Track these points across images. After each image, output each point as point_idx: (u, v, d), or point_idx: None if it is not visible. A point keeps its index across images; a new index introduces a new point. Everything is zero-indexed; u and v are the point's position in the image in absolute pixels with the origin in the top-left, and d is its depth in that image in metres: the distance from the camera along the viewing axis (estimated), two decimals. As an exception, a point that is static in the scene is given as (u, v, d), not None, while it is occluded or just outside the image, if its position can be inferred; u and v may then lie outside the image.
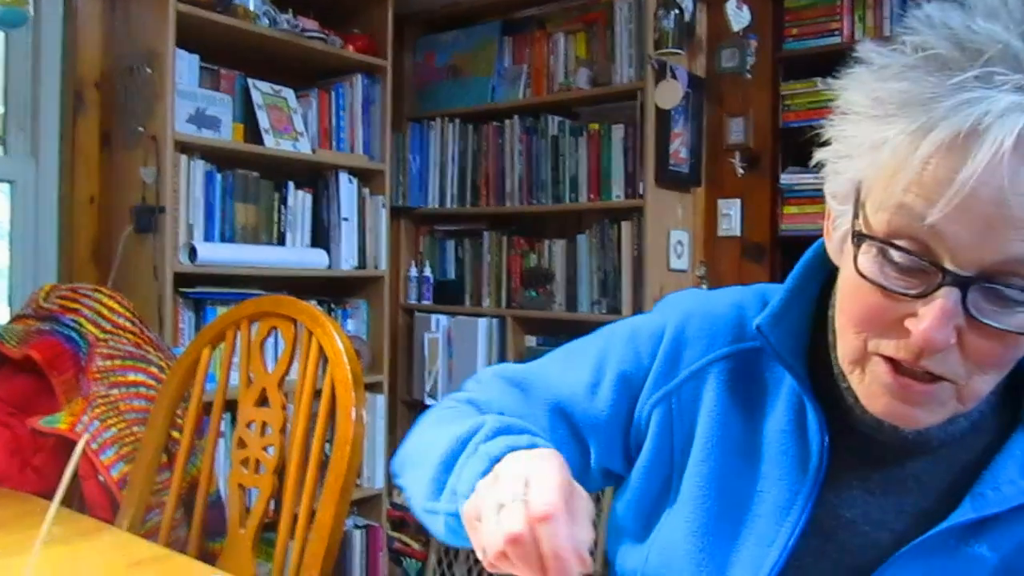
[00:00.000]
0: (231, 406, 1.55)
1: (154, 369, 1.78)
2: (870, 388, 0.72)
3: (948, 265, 0.63)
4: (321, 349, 1.43)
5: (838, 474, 0.79)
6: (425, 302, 3.67)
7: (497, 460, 0.75)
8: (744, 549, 0.81)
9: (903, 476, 0.78)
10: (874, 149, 0.66)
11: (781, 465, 0.81)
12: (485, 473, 0.74)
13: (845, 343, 0.73)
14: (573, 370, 0.94)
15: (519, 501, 0.67)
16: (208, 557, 1.51)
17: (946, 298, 0.63)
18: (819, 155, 0.74)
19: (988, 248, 0.62)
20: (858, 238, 0.68)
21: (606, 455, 0.92)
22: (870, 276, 0.67)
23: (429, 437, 0.88)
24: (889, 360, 0.69)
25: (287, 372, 1.48)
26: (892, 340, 0.68)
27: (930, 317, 0.64)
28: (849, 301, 0.71)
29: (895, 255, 0.66)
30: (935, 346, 0.64)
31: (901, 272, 0.66)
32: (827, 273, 0.83)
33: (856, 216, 0.69)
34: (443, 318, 3.55)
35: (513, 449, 0.76)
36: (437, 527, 0.82)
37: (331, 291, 3.23)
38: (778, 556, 0.79)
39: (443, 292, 3.65)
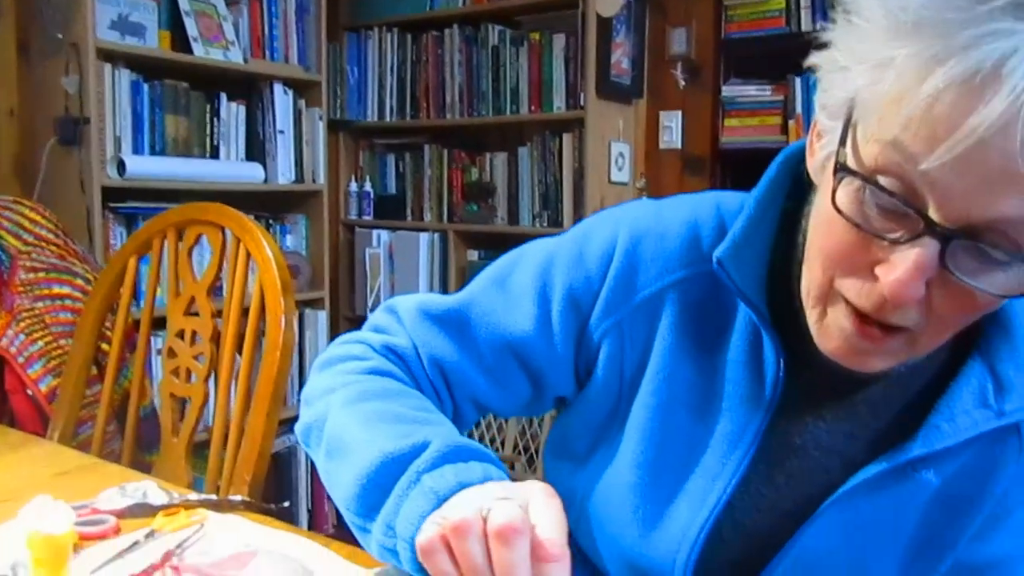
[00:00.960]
0: (161, 323, 1.52)
1: (80, 281, 1.74)
2: (827, 329, 0.68)
3: (933, 215, 0.57)
4: (249, 256, 1.40)
5: (791, 403, 0.77)
6: (366, 217, 3.62)
7: (446, 500, 0.63)
8: (691, 482, 0.80)
9: (855, 402, 0.77)
10: (877, 68, 0.58)
11: (733, 397, 0.79)
12: (431, 513, 0.62)
13: (811, 276, 0.68)
14: (516, 304, 0.87)
15: (520, 507, 0.56)
16: (143, 469, 1.49)
17: (924, 249, 0.58)
18: (813, 58, 0.66)
19: (981, 204, 0.55)
20: (840, 170, 0.62)
21: (559, 386, 0.89)
22: (847, 212, 0.61)
23: (348, 424, 0.77)
24: (852, 306, 0.64)
25: (216, 280, 1.45)
26: (857, 284, 0.63)
27: (903, 268, 0.58)
28: (822, 234, 0.66)
29: (877, 194, 0.59)
30: (903, 299, 0.59)
31: (881, 213, 0.60)
32: (792, 190, 0.78)
33: (843, 143, 0.62)
34: (384, 233, 3.52)
35: (465, 487, 0.63)
36: (367, 544, 0.72)
37: (268, 206, 3.17)
38: (724, 488, 0.78)
39: (384, 207, 3.61)
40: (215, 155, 2.93)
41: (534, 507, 0.56)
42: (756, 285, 0.76)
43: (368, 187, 3.62)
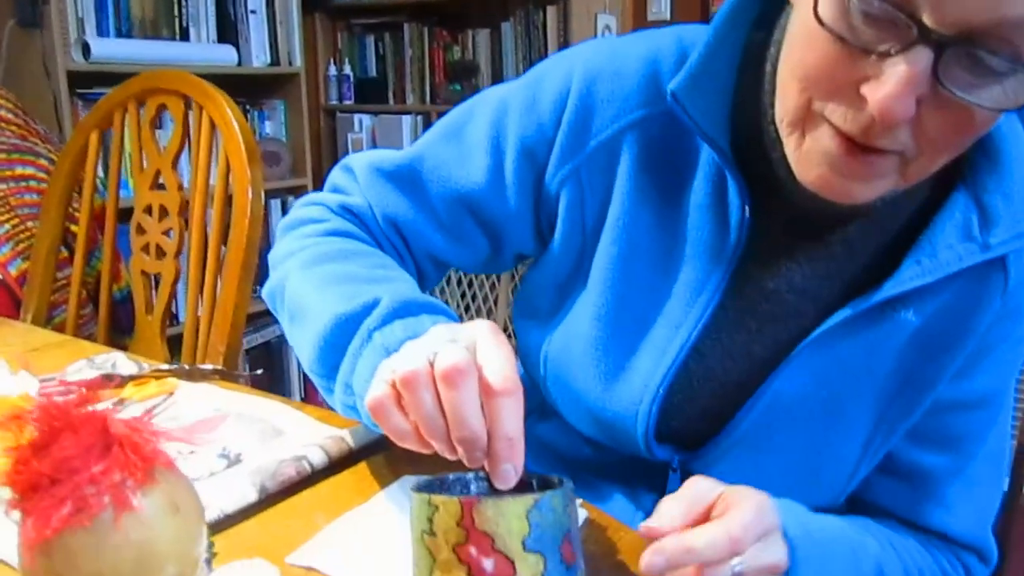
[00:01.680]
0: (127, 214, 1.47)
1: (43, 162, 1.67)
2: (808, 155, 0.63)
3: (927, 20, 0.52)
4: (214, 125, 1.34)
5: (762, 248, 0.73)
6: (347, 102, 3.52)
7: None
8: (653, 332, 0.77)
9: (831, 242, 0.72)
10: None
11: (696, 244, 0.75)
12: None
13: (786, 101, 0.63)
14: (468, 156, 0.83)
15: (466, 347, 0.54)
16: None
17: (916, 61, 0.53)
18: None
19: (982, 5, 0.50)
20: None
21: (518, 241, 0.86)
22: (830, 23, 0.56)
23: (304, 287, 0.77)
24: (837, 128, 0.60)
25: (180, 151, 1.39)
26: (842, 107, 0.58)
27: (893, 82, 0.53)
28: (800, 51, 0.60)
29: (866, 0, 0.54)
30: (893, 118, 0.55)
31: (868, 23, 0.55)
32: (757, 16, 0.72)
33: None
34: (366, 118, 3.43)
35: (414, 339, 0.62)
36: (335, 405, 0.73)
37: (244, 91, 3.06)
38: (687, 336, 0.75)
39: (364, 91, 3.50)
40: (185, 37, 2.82)
41: (481, 346, 0.53)
42: (717, 121, 0.71)
43: (348, 70, 3.51)
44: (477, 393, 0.51)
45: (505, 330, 3.13)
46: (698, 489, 0.61)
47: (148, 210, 1.42)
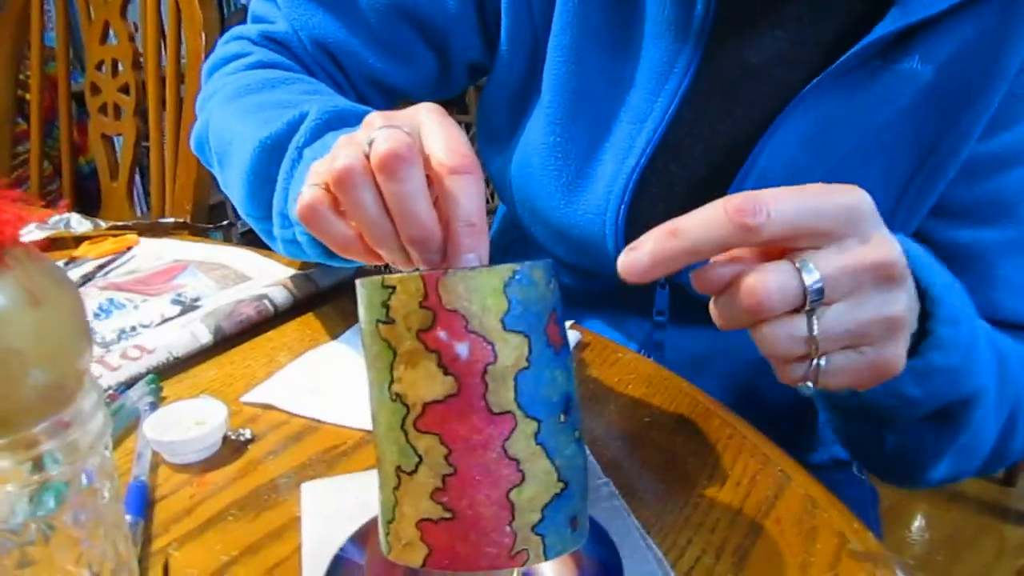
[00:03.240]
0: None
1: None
2: None
3: None
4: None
5: (737, 16, 0.63)
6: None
7: None
8: (616, 130, 0.68)
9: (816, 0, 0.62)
10: None
11: (658, 19, 0.65)
12: None
13: None
14: None
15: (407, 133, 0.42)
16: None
17: None
18: None
19: None
20: None
21: (465, 46, 0.75)
22: None
23: (226, 123, 0.67)
24: None
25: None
26: None
27: None
28: None
29: None
30: None
31: None
32: None
33: None
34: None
35: None
36: (277, 248, 0.64)
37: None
38: (652, 132, 0.65)
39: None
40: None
41: (425, 127, 0.42)
42: None
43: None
44: (424, 181, 0.40)
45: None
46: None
47: (100, 66, 1.31)
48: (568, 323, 0.69)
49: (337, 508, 0.48)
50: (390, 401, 0.35)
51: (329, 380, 0.63)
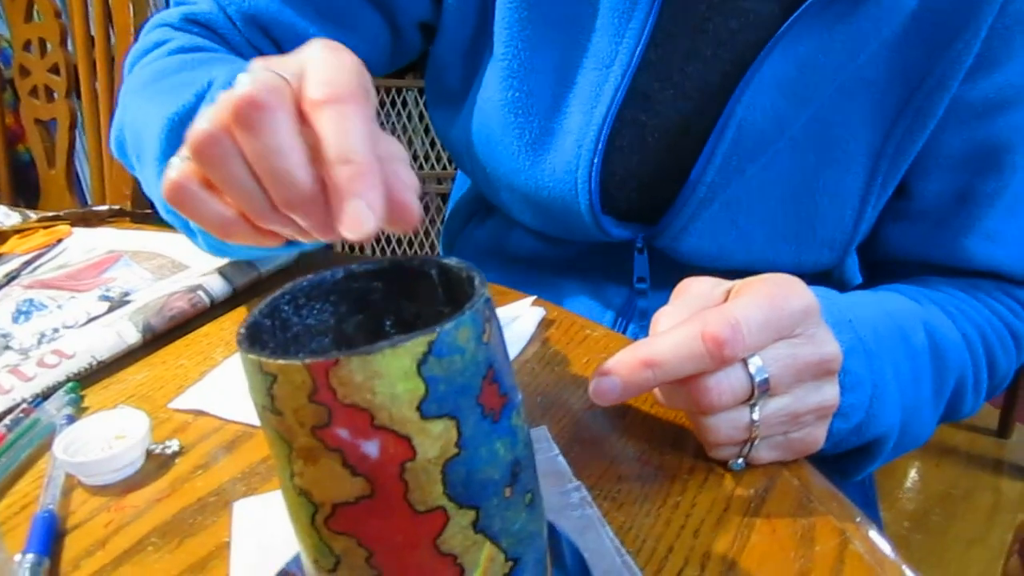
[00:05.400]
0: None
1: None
2: None
3: None
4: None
5: None
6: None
7: None
8: (580, 78, 0.62)
9: None
10: None
11: None
12: None
13: None
14: None
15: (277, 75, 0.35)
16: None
17: None
18: None
19: None
20: None
21: (411, 5, 0.69)
22: None
23: (137, 112, 0.61)
24: None
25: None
26: None
27: None
28: None
29: None
30: None
31: None
32: None
33: None
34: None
35: None
36: (199, 243, 0.59)
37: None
38: (620, 76, 0.59)
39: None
40: None
41: (308, 66, 0.34)
42: None
43: None
44: (293, 130, 0.33)
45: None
46: (697, 290, 0.44)
47: (27, 46, 1.22)
48: (530, 299, 0.63)
49: (272, 531, 0.42)
50: (295, 495, 0.29)
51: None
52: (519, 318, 0.61)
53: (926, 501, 1.10)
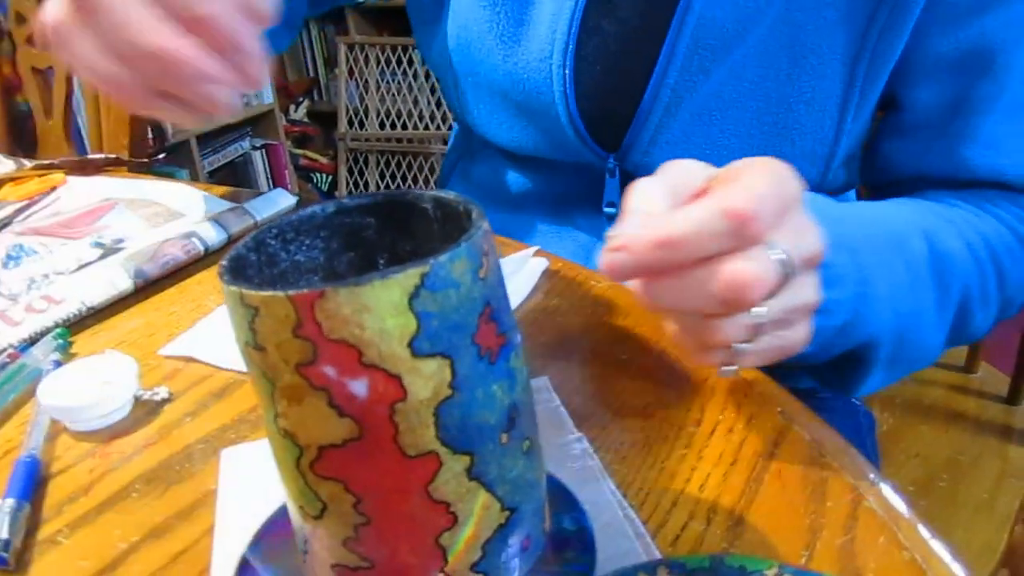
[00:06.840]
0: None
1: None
2: None
3: None
4: None
5: None
6: None
7: None
8: None
9: None
10: None
11: None
12: None
13: None
14: None
15: None
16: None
17: None
18: None
19: None
20: None
21: None
22: None
23: None
24: None
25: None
26: None
27: None
28: None
29: None
30: None
31: None
32: None
33: None
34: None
35: None
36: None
37: None
38: None
39: None
40: None
41: None
42: None
43: None
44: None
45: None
46: (681, 168, 0.39)
47: (24, -8, 1.20)
48: (532, 250, 0.61)
49: (260, 479, 0.40)
50: (280, 437, 0.27)
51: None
52: (522, 269, 0.59)
53: (933, 467, 1.08)
